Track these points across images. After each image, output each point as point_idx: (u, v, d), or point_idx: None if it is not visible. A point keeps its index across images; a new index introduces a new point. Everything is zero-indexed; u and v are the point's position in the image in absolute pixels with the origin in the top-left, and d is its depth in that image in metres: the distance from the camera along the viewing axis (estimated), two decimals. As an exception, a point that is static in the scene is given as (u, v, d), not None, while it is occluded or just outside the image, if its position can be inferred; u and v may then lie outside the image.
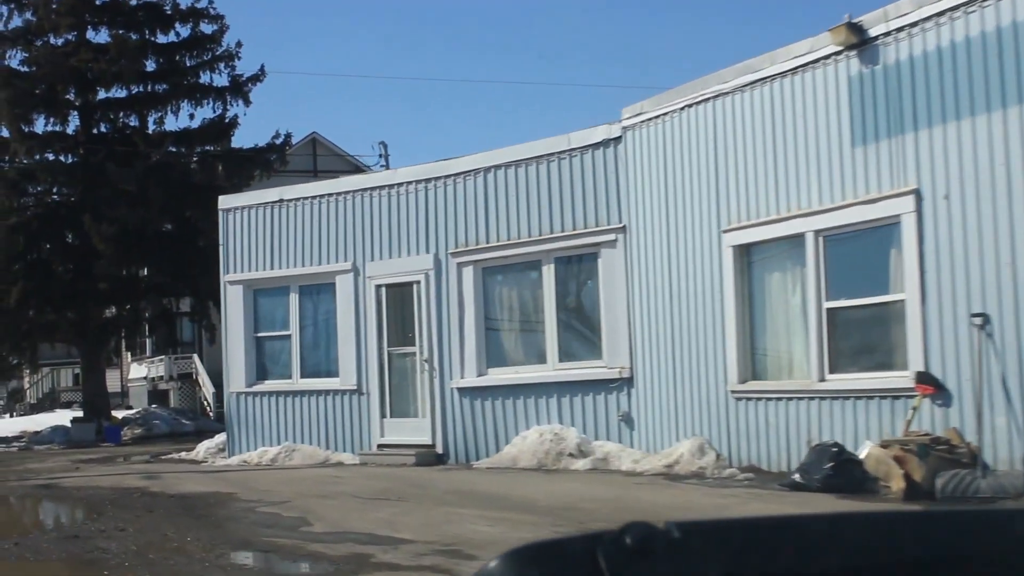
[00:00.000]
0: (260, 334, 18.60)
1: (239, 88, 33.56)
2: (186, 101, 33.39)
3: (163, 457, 20.68)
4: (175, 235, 32.49)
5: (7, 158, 31.30)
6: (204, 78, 33.79)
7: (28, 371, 49.76)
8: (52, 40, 32.71)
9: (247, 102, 33.79)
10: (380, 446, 16.99)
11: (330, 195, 17.85)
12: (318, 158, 43.53)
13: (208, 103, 33.63)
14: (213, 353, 39.26)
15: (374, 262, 17.25)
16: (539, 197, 15.79)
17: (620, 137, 15.09)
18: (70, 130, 33.20)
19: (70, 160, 32.82)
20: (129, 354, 40.55)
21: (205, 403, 38.30)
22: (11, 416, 51.06)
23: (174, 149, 33.43)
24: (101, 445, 28.95)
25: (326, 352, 17.95)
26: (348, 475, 14.87)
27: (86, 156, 32.22)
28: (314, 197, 18.01)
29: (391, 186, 17.19)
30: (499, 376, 16.01)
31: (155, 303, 32.56)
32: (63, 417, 41.47)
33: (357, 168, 46.27)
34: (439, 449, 16.44)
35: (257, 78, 33.80)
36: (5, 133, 32.34)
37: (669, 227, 14.28)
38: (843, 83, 11.91)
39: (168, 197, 31.35)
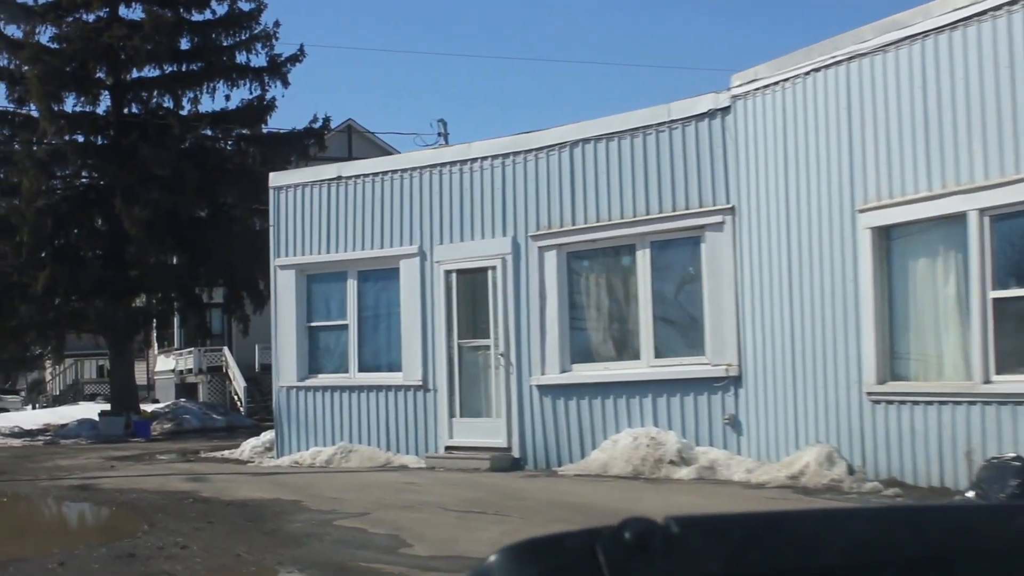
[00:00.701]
0: (314, 323, 17.02)
1: (277, 69, 32.06)
2: (222, 82, 31.87)
3: (203, 456, 19.13)
4: (208, 221, 30.98)
5: (35, 138, 29.78)
6: (240, 58, 32.30)
7: (51, 362, 48.39)
8: (83, 16, 31.22)
9: (285, 83, 32.30)
10: (448, 448, 15.39)
11: (395, 172, 16.26)
12: (353, 146, 42.00)
13: (245, 84, 32.12)
14: (244, 346, 37.79)
15: (443, 245, 15.65)
16: (633, 174, 14.16)
17: (729, 107, 13.44)
18: (100, 110, 31.74)
19: (100, 141, 31.28)
20: (156, 346, 39.05)
21: (236, 398, 36.83)
22: (33, 408, 49.71)
23: (209, 132, 31.90)
24: (131, 440, 27.47)
25: (388, 344, 16.36)
26: (421, 481, 13.27)
27: (118, 137, 30.72)
28: (376, 174, 16.42)
29: (464, 162, 15.58)
30: (585, 373, 14.39)
31: (187, 292, 31.03)
32: (87, 410, 40.04)
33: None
34: (515, 453, 14.83)
35: (296, 58, 32.32)
36: (34, 112, 30.91)
37: (789, 207, 12.63)
38: (1019, 36, 10.23)
39: (202, 181, 29.85)
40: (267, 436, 18.24)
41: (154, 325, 31.93)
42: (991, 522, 1.42)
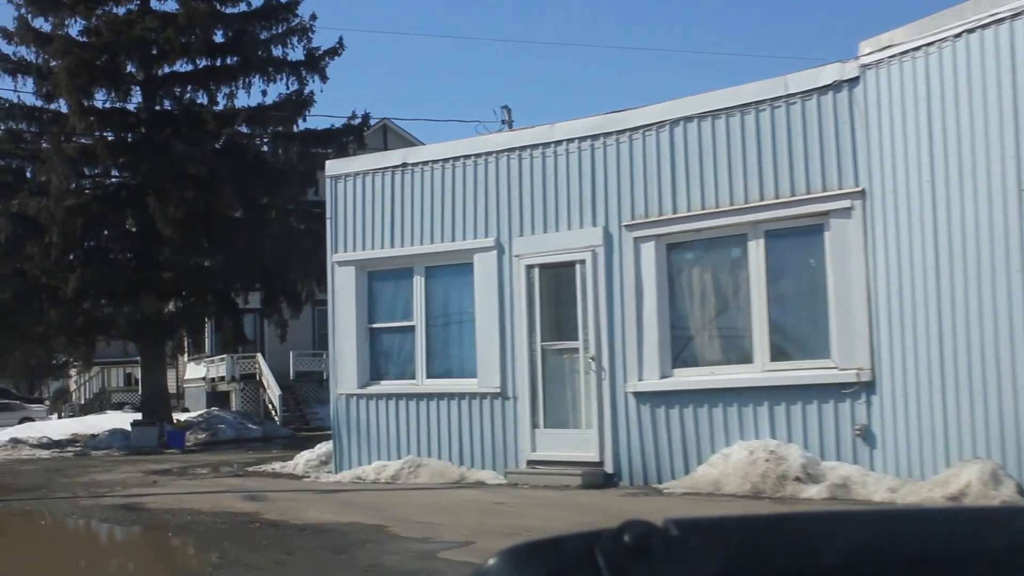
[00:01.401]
0: (376, 325, 15.50)
1: (315, 63, 30.65)
2: (258, 76, 30.46)
3: (251, 470, 17.61)
4: (244, 222, 29.52)
5: (64, 135, 28.39)
6: (277, 52, 30.87)
7: (77, 370, 47.05)
8: (114, 8, 29.87)
9: (323, 78, 30.89)
10: (530, 463, 13.83)
11: (468, 157, 14.74)
12: (389, 146, 40.55)
13: (281, 79, 30.70)
14: (278, 352, 36.33)
15: (524, 238, 14.11)
16: (744, 155, 12.60)
17: (857, 78, 11.87)
18: (131, 107, 30.37)
19: (131, 139, 29.88)
20: (186, 353, 37.64)
21: (270, 406, 35.38)
22: (59, 417, 48.37)
23: (245, 129, 30.47)
24: (165, 452, 26.04)
25: (460, 347, 14.83)
26: (511, 501, 11.71)
27: (149, 134, 29.32)
28: (447, 160, 14.90)
29: (547, 145, 14.04)
30: (688, 378, 12.81)
31: (222, 296, 29.57)
32: (116, 419, 38.64)
33: (430, 157, 43.36)
34: (608, 468, 13.26)
35: (335, 52, 30.91)
36: (62, 108, 29.57)
37: (936, 188, 11.03)
38: None
39: (238, 180, 28.43)
40: (322, 449, 16.71)
41: (187, 331, 30.35)
42: (990, 524, 1.43)
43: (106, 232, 30.19)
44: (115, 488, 15.38)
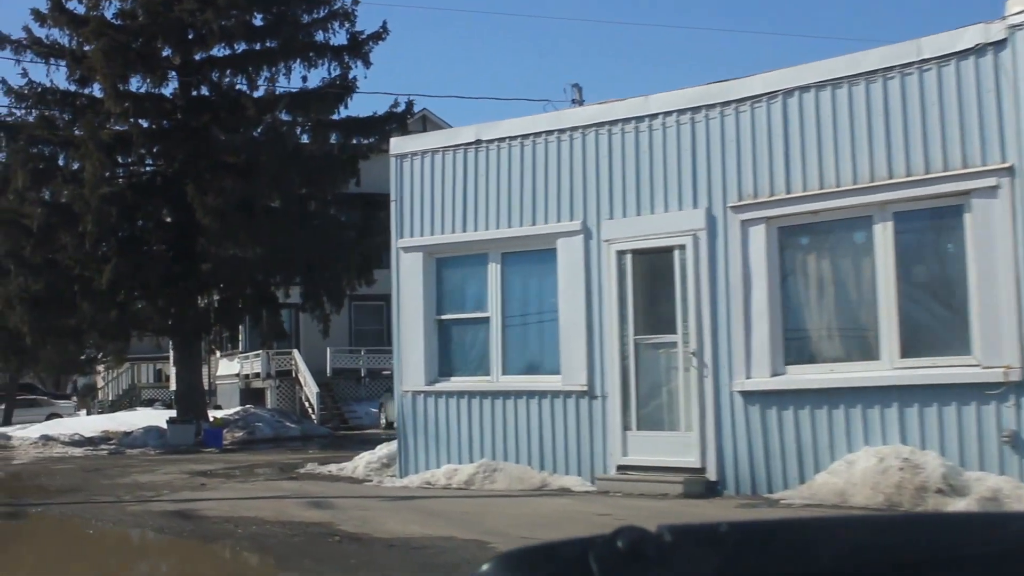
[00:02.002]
0: (445, 316, 14.25)
1: (358, 47, 29.45)
2: (299, 61, 29.24)
3: (304, 471, 16.39)
4: (284, 212, 28.32)
5: (98, 120, 27.25)
6: (318, 37, 29.67)
7: (108, 366, 46.06)
8: (151, -11, 28.72)
9: (366, 63, 29.67)
10: (621, 468, 12.54)
11: (549, 133, 13.46)
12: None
13: (323, 64, 29.47)
14: (315, 349, 35.10)
15: (614, 221, 12.83)
16: (870, 128, 11.27)
17: (1004, 41, 10.53)
18: (167, 92, 29.25)
19: (167, 125, 28.73)
20: (217, 349, 36.52)
21: (307, 404, 34.22)
22: (87, 414, 47.38)
23: (285, 116, 29.24)
24: (203, 450, 24.90)
25: (540, 341, 13.57)
26: (615, 512, 10.43)
27: (186, 120, 28.18)
28: (527, 136, 13.63)
29: (641, 119, 12.75)
30: (804, 376, 11.51)
31: (262, 289, 28.38)
32: (147, 416, 37.55)
33: (469, 149, 42.07)
34: (711, 475, 11.96)
35: (378, 36, 29.71)
36: (96, 93, 28.48)
37: (1105, 162, 9.69)
38: None
39: (279, 169, 27.25)
40: (383, 450, 15.48)
41: (226, 325, 29.17)
42: (983, 529, 1.42)
43: (140, 223, 29.08)
44: (162, 491, 14.18)
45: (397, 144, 14.97)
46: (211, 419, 28.26)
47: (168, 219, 28.78)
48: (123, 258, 25.83)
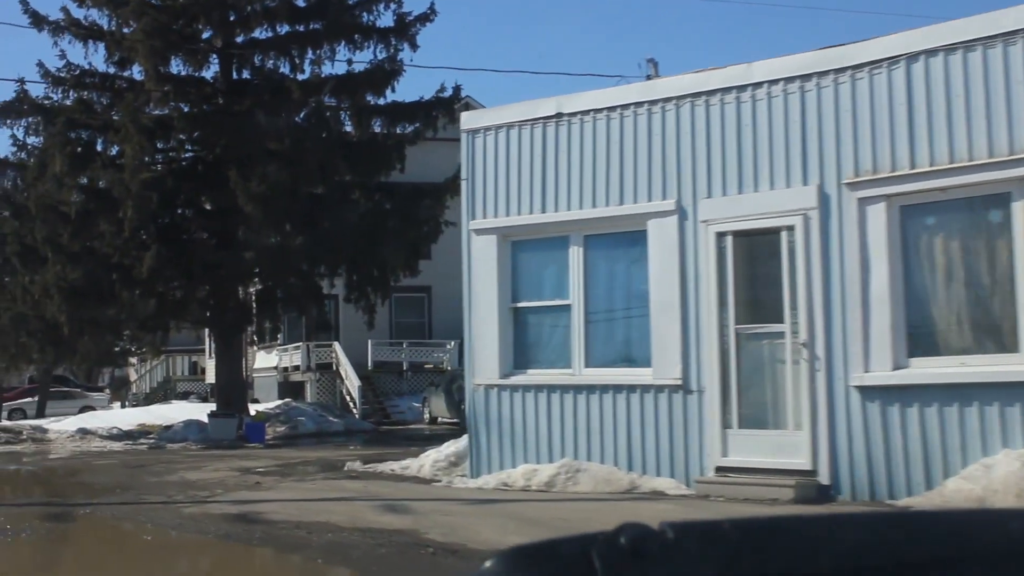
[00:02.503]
0: (521, 304, 13.20)
1: (404, 29, 28.46)
2: (343, 43, 28.24)
3: (362, 470, 15.38)
4: (329, 199, 27.34)
5: (137, 104, 26.35)
6: (364, 19, 28.70)
7: (140, 358, 45.31)
8: (191, -30, 27.82)
9: (413, 46, 28.71)
10: (720, 470, 11.46)
11: (639, 105, 12.38)
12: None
13: (368, 46, 28.47)
14: (355, 342, 34.11)
15: (713, 200, 11.74)
16: (1008, 95, 10.14)
17: None
18: (208, 76, 28.36)
19: (208, 109, 27.82)
20: (259, 341, 35.67)
21: (348, 398, 33.27)
22: (122, 406, 46.69)
23: (330, 101, 28.23)
24: (247, 445, 23.98)
25: (628, 331, 12.51)
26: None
27: (228, 104, 27.26)
28: (613, 108, 12.55)
29: (743, 88, 11.65)
30: (931, 370, 10.39)
31: (306, 279, 27.42)
32: (183, 410, 36.73)
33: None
34: (823, 478, 10.86)
35: (426, 18, 28.70)
36: (136, 75, 27.63)
37: None
38: None
39: (323, 155, 26.31)
40: (450, 448, 14.45)
41: (268, 316, 28.22)
42: (984, 527, 1.41)
43: (180, 210, 28.21)
44: (215, 491, 13.21)
45: (469, 118, 13.92)
46: (252, 413, 27.34)
47: (208, 206, 27.89)
48: (164, 245, 24.93)
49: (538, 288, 13.17)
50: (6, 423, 31.20)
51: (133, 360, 49.25)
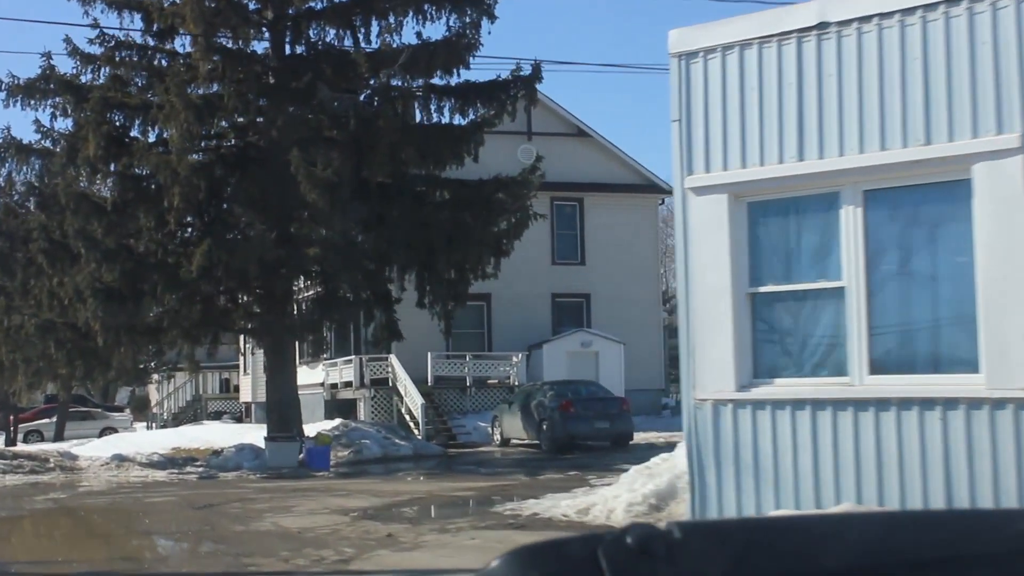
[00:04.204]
0: (765, 288, 9.54)
1: (481, -2, 24.88)
2: (411, 13, 24.69)
3: (521, 515, 11.68)
4: (396, 189, 23.75)
5: (185, 78, 22.79)
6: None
7: (169, 375, 41.68)
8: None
9: (491, 16, 25.14)
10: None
11: (949, 3, 8.73)
12: (532, 117, 34.66)
13: (441, 17, 24.92)
14: (412, 353, 30.29)
15: (1084, 130, 8.07)
16: None
17: None
18: (259, 51, 24.85)
19: (262, 85, 24.26)
20: (319, 353, 32.03)
21: (407, 417, 29.58)
22: (148, 428, 43.07)
23: (396, 82, 24.60)
24: (314, 474, 20.37)
25: (936, 322, 8.84)
26: None
27: (284, 81, 23.72)
28: (911, 10, 8.90)
29: None
30: None
31: (375, 280, 23.80)
32: (218, 431, 33.14)
33: (579, 131, 37.37)
34: None
35: (505, -16, 25.01)
36: (179, 48, 24.16)
37: None
38: None
39: (391, 139, 22.77)
40: (647, 486, 10.81)
41: (334, 322, 24.54)
42: (990, 527, 1.40)
43: (226, 205, 24.63)
44: (341, 549, 9.58)
45: (681, 38, 10.23)
46: (314, 435, 23.68)
47: (259, 196, 24.30)
48: (216, 240, 21.33)
49: (790, 266, 9.51)
50: (28, 448, 27.52)
51: (155, 377, 45.67)
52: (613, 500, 10.70)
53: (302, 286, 25.65)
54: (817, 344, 9.34)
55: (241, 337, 34.58)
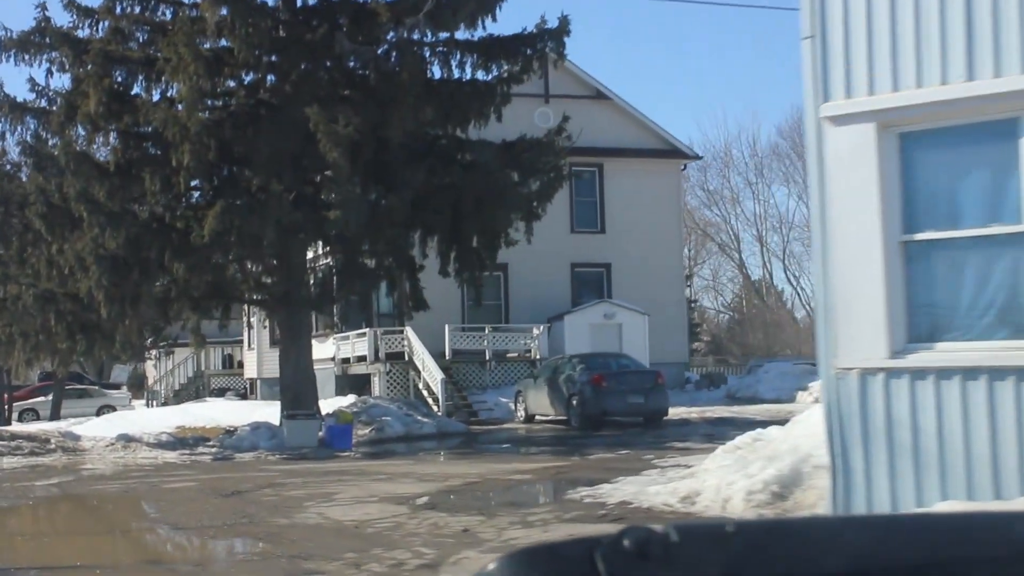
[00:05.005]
0: (921, 236, 7.97)
1: (507, -57, 23.08)
2: (433, -40, 22.87)
3: (606, 504, 10.13)
4: (418, 150, 22.12)
5: (192, 28, 21.07)
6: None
7: (168, 350, 40.08)
8: None
9: (517, -37, 23.32)
10: None
11: None
12: (550, 80, 32.98)
13: (465, -38, 23.12)
14: (427, 326, 28.57)
15: None
16: None
17: None
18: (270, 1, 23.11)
19: (275, 36, 22.54)
20: (341, 324, 30.44)
21: (425, 392, 28.02)
22: (148, 406, 41.47)
23: (418, 36, 22.88)
24: (338, 454, 18.83)
25: None
26: None
27: (298, 33, 22.01)
28: None
29: None
30: None
31: (398, 246, 22.17)
32: (223, 408, 31.56)
33: (598, 93, 35.67)
34: None
35: (533, -72, 23.31)
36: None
37: None
38: None
39: (412, 96, 21.13)
40: (767, 471, 9.22)
41: (357, 292, 22.86)
42: (988, 530, 1.40)
43: (234, 167, 22.95)
44: (415, 548, 8.02)
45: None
46: (333, 413, 22.10)
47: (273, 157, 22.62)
48: (228, 202, 19.67)
49: (954, 209, 7.93)
50: (28, 428, 25.91)
51: (154, 353, 44.03)
52: (727, 488, 9.13)
53: (319, 253, 24.02)
54: (991, 301, 7.77)
55: (245, 310, 32.96)
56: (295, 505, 11.05)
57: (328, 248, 22.89)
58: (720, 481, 9.28)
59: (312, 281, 23.24)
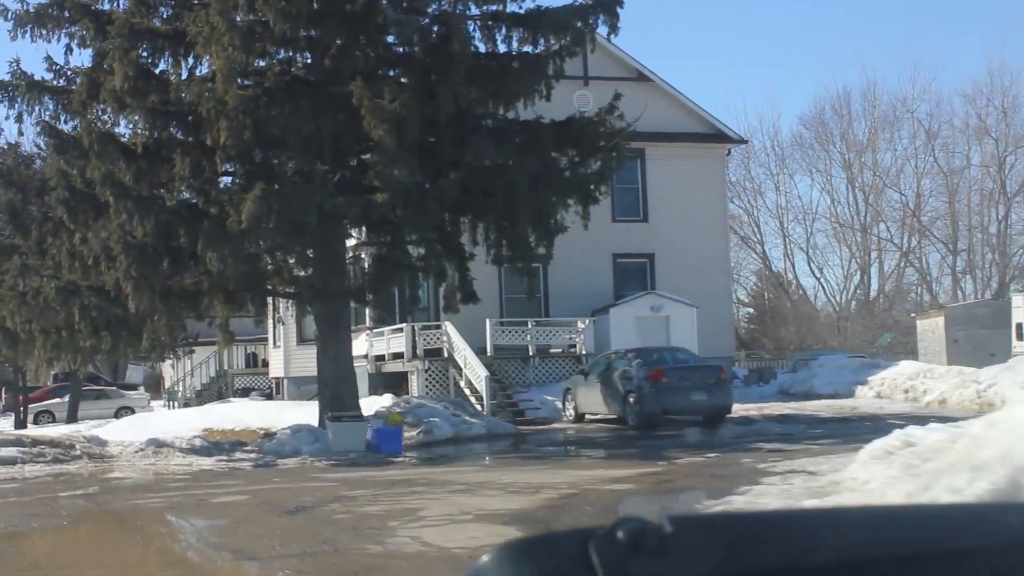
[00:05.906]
0: None
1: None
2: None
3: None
4: (465, 129, 20.43)
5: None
6: None
7: (188, 349, 38.41)
8: None
9: (568, -76, 21.77)
10: None
11: None
12: (589, 61, 31.22)
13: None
14: (465, 320, 26.84)
15: None
16: None
17: None
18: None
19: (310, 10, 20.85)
20: (387, 319, 28.68)
21: (467, 391, 26.34)
22: (169, 407, 39.86)
23: (461, 9, 21.21)
24: (392, 460, 17.21)
25: None
26: None
27: (339, 2, 20.31)
28: None
29: None
30: None
31: (447, 234, 20.50)
32: (249, 409, 29.91)
33: (640, 75, 33.96)
34: None
35: None
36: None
37: None
38: None
39: (457, 73, 19.46)
40: (981, 483, 7.50)
41: (407, 282, 21.14)
42: (982, 521, 1.41)
43: (268, 150, 21.28)
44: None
45: None
46: (380, 414, 20.44)
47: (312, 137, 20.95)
48: (268, 185, 18.01)
49: None
50: (50, 433, 24.26)
51: (173, 355, 42.40)
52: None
53: (360, 241, 22.36)
54: None
55: (272, 304, 31.31)
56: (378, 526, 9.38)
57: (370, 235, 21.21)
58: (908, 499, 7.60)
59: (352, 272, 21.58)
